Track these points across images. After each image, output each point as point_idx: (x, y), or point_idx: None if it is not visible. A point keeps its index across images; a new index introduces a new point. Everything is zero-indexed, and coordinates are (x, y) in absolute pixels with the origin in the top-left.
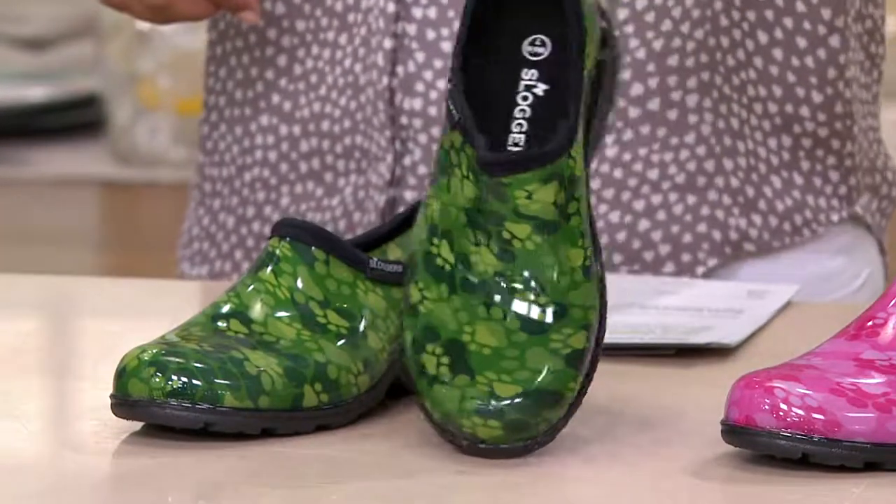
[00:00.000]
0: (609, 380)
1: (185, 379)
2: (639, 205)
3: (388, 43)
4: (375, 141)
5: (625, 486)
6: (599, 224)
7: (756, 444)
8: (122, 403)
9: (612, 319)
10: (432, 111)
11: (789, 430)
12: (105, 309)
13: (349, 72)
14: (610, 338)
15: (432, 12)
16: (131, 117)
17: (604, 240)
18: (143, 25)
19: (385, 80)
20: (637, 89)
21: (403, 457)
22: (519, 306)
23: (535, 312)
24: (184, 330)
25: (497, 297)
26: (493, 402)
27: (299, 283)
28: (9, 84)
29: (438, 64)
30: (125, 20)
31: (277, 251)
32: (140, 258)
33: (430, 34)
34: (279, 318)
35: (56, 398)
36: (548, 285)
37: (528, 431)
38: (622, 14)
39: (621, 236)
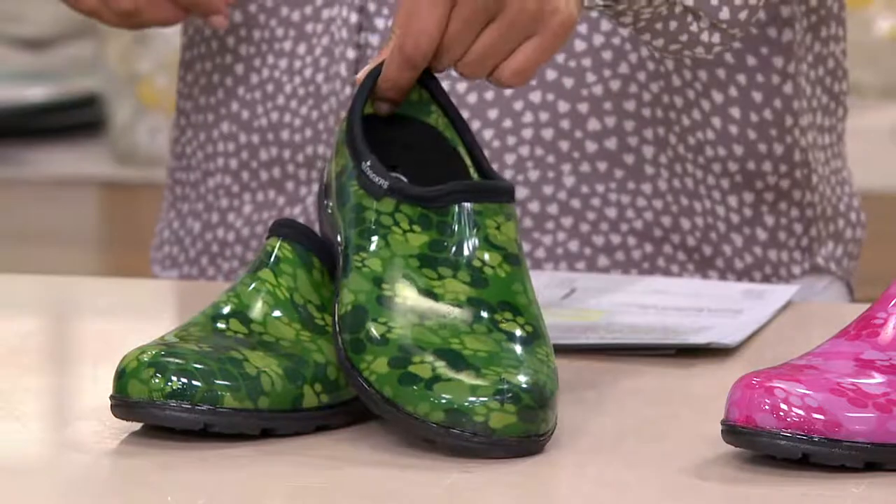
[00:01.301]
0: (609, 379)
1: (184, 380)
2: (598, 240)
3: (351, 53)
4: None
5: (626, 485)
6: (559, 251)
7: (756, 445)
8: (122, 404)
9: (612, 320)
10: None
11: (789, 430)
12: (105, 309)
13: (310, 82)
14: (611, 338)
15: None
16: (131, 117)
17: (562, 266)
18: None
19: (348, 90)
20: (594, 124)
21: (406, 457)
22: (500, 324)
23: (516, 330)
24: (183, 330)
25: (477, 317)
26: (509, 387)
27: (298, 285)
28: (9, 84)
29: None
30: None
31: (277, 251)
32: (140, 258)
33: None
34: (278, 318)
35: (56, 398)
36: (521, 309)
37: (536, 425)
38: (579, 46)
39: (580, 266)
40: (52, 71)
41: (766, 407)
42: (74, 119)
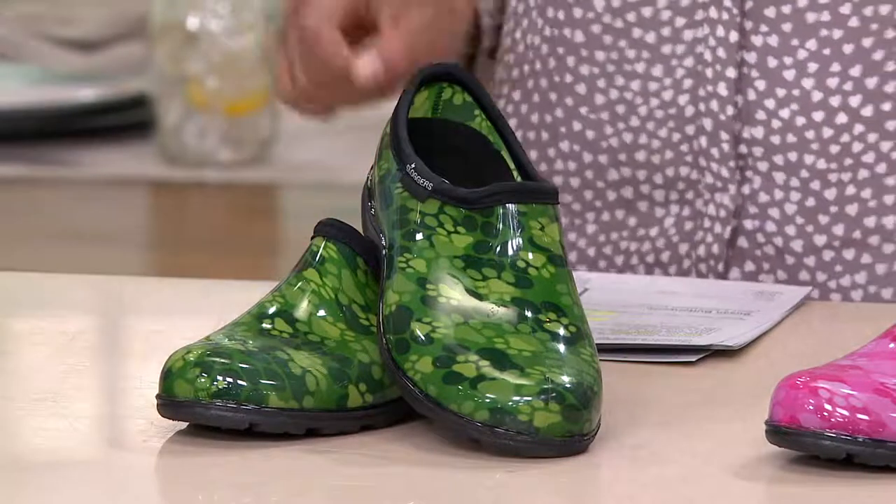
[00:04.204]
0: (651, 380)
1: (230, 379)
2: None
3: (731, 72)
4: (713, 172)
5: (669, 485)
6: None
7: (800, 445)
8: (168, 404)
9: (620, 320)
10: (774, 139)
11: (834, 431)
12: (153, 308)
13: (670, 104)
14: (615, 338)
15: (773, 40)
16: (180, 118)
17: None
18: (193, 27)
19: (729, 110)
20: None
21: (450, 456)
22: (545, 324)
23: (560, 330)
24: (229, 330)
25: (521, 316)
26: (553, 386)
27: (343, 285)
28: (59, 85)
29: (780, 92)
30: (175, 21)
31: (322, 251)
32: (188, 258)
33: (772, 62)
34: (323, 317)
35: (104, 397)
36: (566, 310)
37: (580, 425)
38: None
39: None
40: (101, 72)
41: (811, 407)
42: (124, 120)
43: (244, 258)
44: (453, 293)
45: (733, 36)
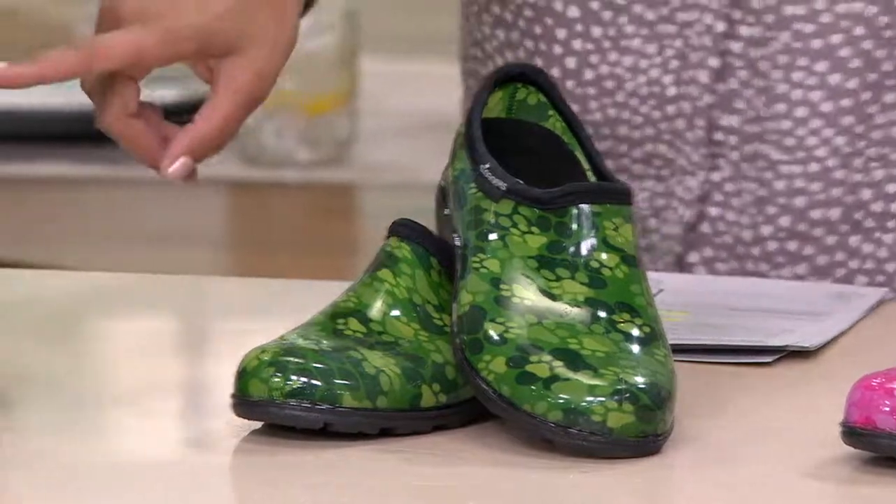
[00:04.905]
0: (721, 381)
1: (304, 379)
2: None
3: (714, 62)
4: (686, 155)
5: (743, 486)
6: None
7: (876, 446)
8: (243, 403)
9: (696, 321)
10: (749, 128)
11: None
12: (231, 308)
13: (654, 82)
14: (690, 339)
15: (757, 31)
16: (258, 118)
17: None
18: None
19: (707, 98)
20: None
21: (524, 456)
22: (618, 325)
23: (634, 331)
24: (303, 330)
25: (595, 317)
26: (626, 386)
27: (417, 285)
28: None
29: (760, 83)
30: None
31: (397, 252)
32: (266, 258)
33: (753, 52)
34: (397, 317)
35: (182, 397)
36: (640, 310)
37: (653, 425)
38: None
39: None
40: (179, 74)
41: (886, 408)
42: None
43: (322, 258)
44: (527, 293)
45: (720, 26)
